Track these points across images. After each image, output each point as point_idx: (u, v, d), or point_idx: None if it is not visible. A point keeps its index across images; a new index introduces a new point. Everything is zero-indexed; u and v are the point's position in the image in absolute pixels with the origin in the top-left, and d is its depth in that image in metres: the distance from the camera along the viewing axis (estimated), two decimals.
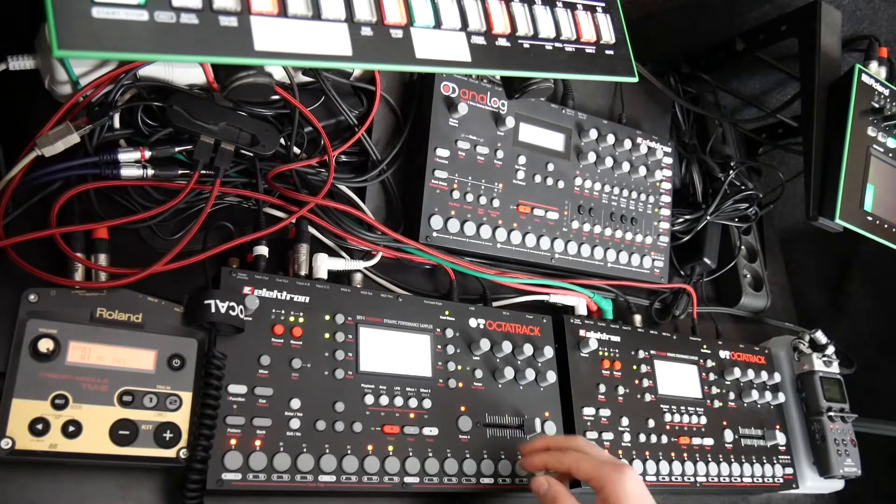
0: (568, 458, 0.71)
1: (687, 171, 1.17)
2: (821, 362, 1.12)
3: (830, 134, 1.02)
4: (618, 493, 0.66)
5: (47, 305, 0.62)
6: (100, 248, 0.68)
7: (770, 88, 1.31)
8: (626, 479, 0.67)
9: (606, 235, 0.99)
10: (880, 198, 1.05)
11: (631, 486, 0.67)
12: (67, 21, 0.42)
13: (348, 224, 0.81)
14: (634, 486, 0.67)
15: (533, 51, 0.63)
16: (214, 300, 0.66)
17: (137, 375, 0.64)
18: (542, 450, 0.75)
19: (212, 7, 0.48)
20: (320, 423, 0.70)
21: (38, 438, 0.59)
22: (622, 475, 0.67)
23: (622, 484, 0.67)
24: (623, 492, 0.66)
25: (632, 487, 0.67)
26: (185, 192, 0.70)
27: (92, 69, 0.68)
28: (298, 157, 0.80)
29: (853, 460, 1.09)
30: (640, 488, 0.68)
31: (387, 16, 0.55)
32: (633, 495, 0.66)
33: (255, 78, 0.54)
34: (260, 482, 0.66)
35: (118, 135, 0.71)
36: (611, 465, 0.69)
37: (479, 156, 0.89)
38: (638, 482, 0.68)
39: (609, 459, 0.71)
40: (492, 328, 0.86)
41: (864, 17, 1.13)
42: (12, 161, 0.64)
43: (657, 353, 0.98)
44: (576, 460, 0.71)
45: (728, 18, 1.15)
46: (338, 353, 0.74)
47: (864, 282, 1.45)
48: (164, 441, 0.64)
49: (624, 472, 0.67)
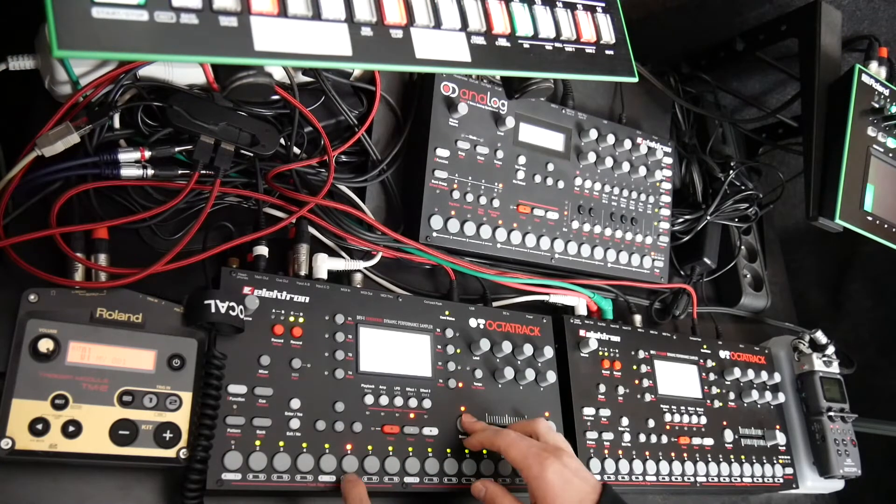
0: (500, 441, 0.72)
1: (687, 171, 1.17)
2: (821, 362, 1.12)
3: (830, 134, 1.02)
4: (540, 486, 0.66)
5: (47, 305, 0.62)
6: (100, 248, 0.68)
7: (770, 88, 1.31)
8: (546, 471, 0.66)
9: (606, 235, 0.99)
10: (880, 198, 1.05)
11: (552, 477, 0.66)
12: (67, 21, 0.42)
13: (348, 224, 0.81)
14: (556, 476, 0.66)
15: (533, 51, 0.63)
16: (214, 300, 0.66)
17: (137, 375, 0.64)
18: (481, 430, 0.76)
19: (212, 7, 0.48)
20: (320, 423, 0.70)
21: (38, 438, 0.59)
22: (543, 467, 0.67)
23: (543, 477, 0.66)
24: (544, 484, 0.66)
25: (553, 479, 0.66)
26: (185, 192, 0.70)
27: (92, 69, 0.68)
28: (298, 157, 0.80)
29: (853, 460, 1.09)
30: (562, 478, 0.66)
31: (387, 16, 0.55)
32: (554, 486, 0.66)
33: (255, 78, 0.54)
34: (260, 482, 0.66)
35: (118, 135, 0.71)
36: (534, 456, 0.68)
37: (479, 156, 0.89)
38: (560, 472, 0.67)
39: (535, 450, 0.69)
40: (492, 328, 0.86)
41: (864, 17, 1.13)
42: (12, 161, 0.64)
43: (657, 353, 0.98)
44: (506, 445, 0.71)
45: (728, 18, 1.16)
46: (338, 353, 0.74)
47: (864, 282, 1.45)
48: (164, 441, 0.64)
49: (545, 463, 0.67)
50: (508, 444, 0.71)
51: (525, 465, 0.69)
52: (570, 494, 0.66)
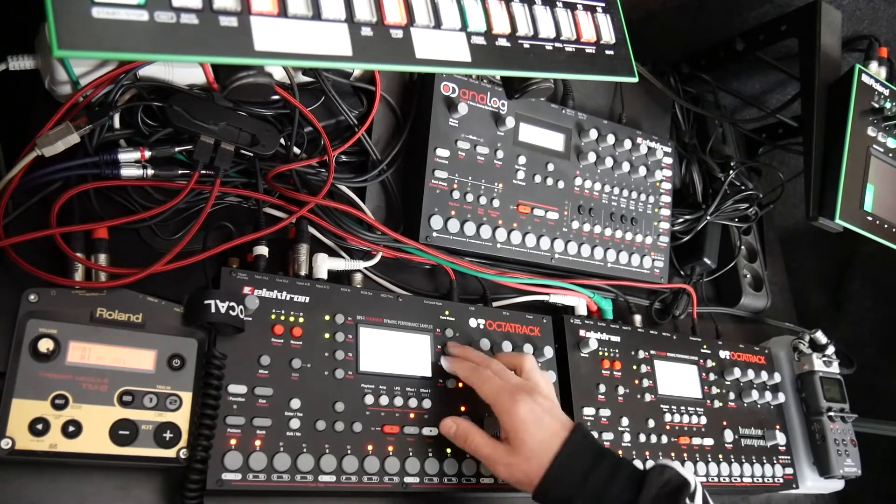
0: (475, 377, 0.73)
1: (687, 171, 1.17)
2: (821, 362, 1.12)
3: (830, 134, 1.02)
4: (510, 422, 0.68)
5: (47, 305, 0.62)
6: (100, 248, 0.68)
7: (770, 88, 1.31)
8: (517, 406, 0.68)
9: (606, 235, 0.99)
10: (880, 198, 1.05)
11: (523, 413, 0.68)
12: (67, 21, 0.42)
13: (348, 224, 0.81)
14: (528, 413, 0.68)
15: (533, 51, 0.63)
16: (214, 300, 0.66)
17: (137, 375, 0.64)
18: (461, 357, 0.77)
19: (212, 7, 0.48)
20: (320, 423, 0.70)
21: (38, 438, 0.59)
22: (514, 402, 0.69)
23: (514, 412, 0.68)
24: (515, 420, 0.68)
25: (524, 415, 0.68)
26: (185, 192, 0.70)
27: (92, 69, 0.68)
28: (298, 157, 0.80)
29: (853, 460, 1.09)
30: (533, 415, 0.68)
31: (387, 16, 0.55)
32: (525, 422, 0.68)
33: (255, 78, 0.54)
34: (260, 482, 0.66)
35: (118, 135, 0.71)
36: (507, 393, 0.70)
37: (479, 156, 0.89)
38: (531, 409, 0.68)
39: (510, 386, 0.71)
40: (492, 328, 0.86)
41: (864, 17, 1.13)
42: (12, 161, 0.64)
43: (657, 353, 0.98)
44: (480, 381, 0.72)
45: (728, 18, 1.15)
46: (338, 353, 0.74)
47: (864, 282, 1.45)
48: (164, 441, 0.64)
49: (517, 399, 0.69)
50: (483, 381, 0.72)
51: (497, 401, 0.70)
52: (539, 431, 0.68)
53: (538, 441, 0.68)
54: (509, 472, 0.69)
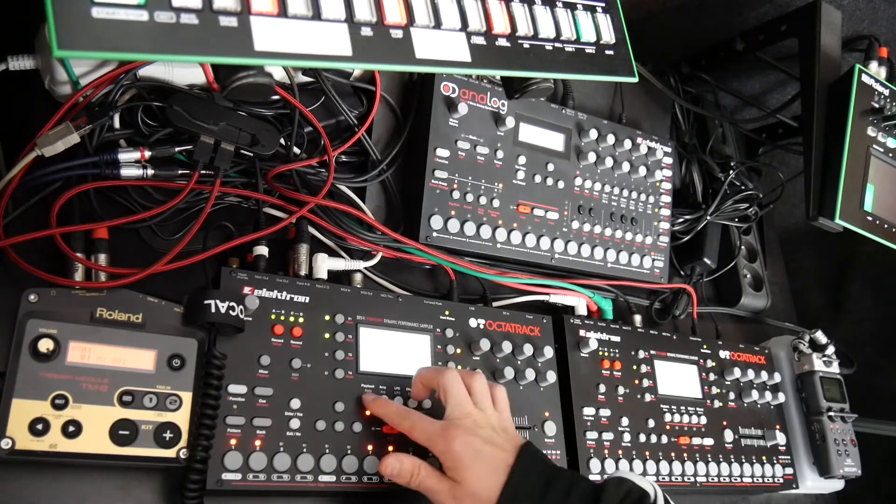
0: (405, 424, 0.70)
1: (687, 171, 1.17)
2: (821, 362, 1.12)
3: (830, 134, 1.02)
4: (450, 460, 0.66)
5: (47, 305, 0.62)
6: (100, 248, 0.68)
7: (770, 88, 1.31)
8: (452, 444, 0.66)
9: (606, 235, 0.99)
10: (880, 198, 1.05)
11: (459, 449, 0.65)
12: (67, 21, 0.42)
13: (348, 224, 0.81)
14: (464, 447, 0.66)
15: (533, 51, 0.63)
16: (214, 300, 0.66)
17: (137, 375, 0.64)
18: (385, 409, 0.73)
19: (212, 7, 0.48)
20: (320, 423, 0.70)
21: (38, 438, 0.59)
22: (448, 441, 0.66)
23: (450, 451, 0.66)
24: (453, 457, 0.65)
25: (461, 450, 0.65)
26: (185, 192, 0.70)
27: (92, 69, 0.68)
28: (298, 157, 0.80)
29: (853, 460, 1.09)
30: (471, 449, 0.66)
31: (387, 16, 0.55)
32: (463, 458, 0.65)
33: (255, 78, 0.54)
34: (260, 482, 0.66)
35: (118, 135, 0.71)
36: (438, 434, 0.67)
37: (479, 156, 0.89)
38: (468, 442, 0.66)
39: (439, 427, 0.68)
40: (492, 328, 0.86)
41: (864, 17, 1.13)
42: (12, 161, 0.64)
43: (657, 353, 0.98)
44: (410, 427, 0.70)
45: (728, 18, 1.15)
46: (338, 353, 0.74)
47: (864, 282, 1.45)
48: (164, 441, 0.64)
49: (449, 437, 0.66)
50: (411, 427, 0.70)
51: (431, 444, 0.68)
52: (480, 465, 0.65)
53: (481, 475, 0.65)
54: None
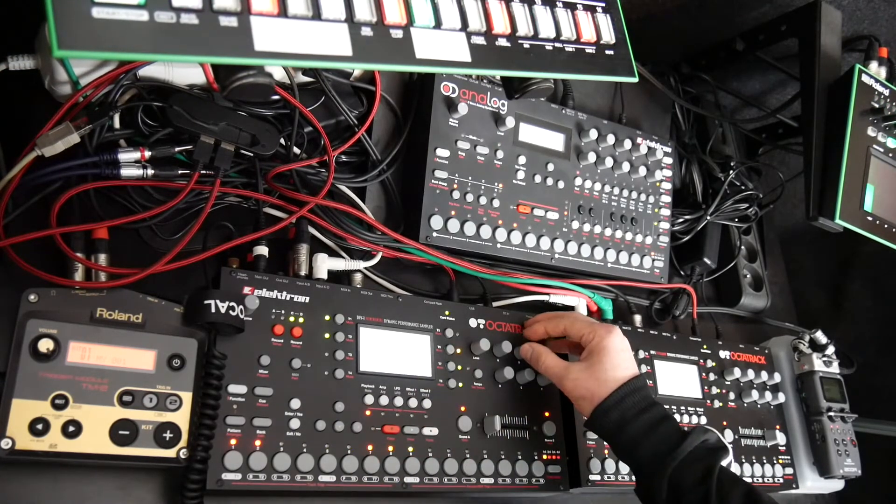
0: (564, 321, 0.83)
1: (687, 171, 1.17)
2: (821, 362, 1.12)
3: (830, 134, 1.02)
4: (604, 344, 0.77)
5: (47, 305, 0.62)
6: (100, 248, 0.68)
7: (770, 88, 1.31)
8: (613, 335, 0.78)
9: (606, 235, 0.99)
10: (880, 198, 1.05)
11: (617, 341, 0.77)
12: (67, 21, 0.42)
13: (348, 224, 0.81)
14: (620, 342, 0.78)
15: (533, 51, 0.63)
16: (214, 300, 0.66)
17: (137, 375, 0.64)
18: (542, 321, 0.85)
19: (212, 7, 0.48)
20: (320, 423, 0.70)
21: (38, 438, 0.59)
22: (610, 332, 0.78)
23: (610, 338, 0.77)
24: (609, 344, 0.77)
25: (618, 342, 0.77)
26: (185, 192, 0.70)
27: (92, 69, 0.68)
28: (298, 157, 0.80)
29: (853, 460, 1.09)
30: (624, 345, 0.78)
31: (387, 16, 0.55)
32: (617, 349, 0.77)
33: (255, 78, 0.54)
34: (260, 482, 0.66)
35: (118, 135, 0.71)
36: (602, 325, 0.79)
37: (479, 156, 0.89)
38: (622, 340, 0.78)
39: (598, 322, 0.81)
40: (492, 328, 0.86)
41: (864, 17, 1.13)
42: (12, 161, 0.64)
43: (657, 353, 0.98)
44: (571, 321, 0.82)
45: (728, 18, 1.15)
46: (338, 353, 0.74)
47: (864, 282, 1.45)
48: (164, 441, 0.64)
49: (612, 330, 0.78)
50: (574, 320, 0.81)
51: (593, 328, 0.79)
52: (619, 360, 0.76)
53: (613, 367, 0.75)
54: (574, 385, 0.77)
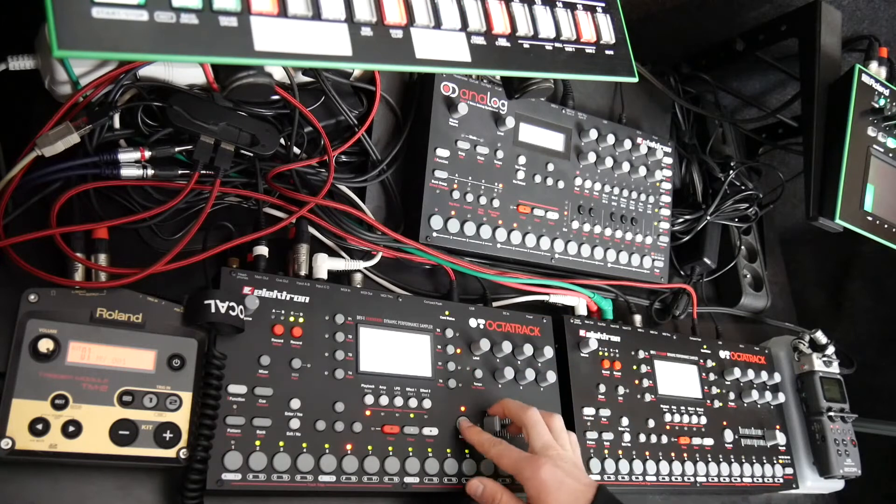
0: (493, 451, 0.74)
1: (687, 171, 1.17)
2: (821, 362, 1.12)
3: (830, 134, 1.02)
4: (534, 486, 0.69)
5: (47, 305, 0.62)
6: (100, 248, 0.68)
7: (770, 88, 1.31)
8: (539, 472, 0.69)
9: (606, 235, 0.99)
10: (880, 198, 1.05)
11: (546, 476, 0.69)
12: (67, 21, 0.42)
13: (348, 224, 0.81)
14: (550, 475, 0.69)
15: (533, 51, 0.63)
16: (214, 300, 0.66)
17: (137, 375, 0.64)
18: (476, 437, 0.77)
19: (212, 7, 0.48)
20: (320, 423, 0.70)
21: (38, 438, 0.59)
22: (535, 469, 0.69)
23: (536, 478, 0.69)
24: (538, 484, 0.69)
25: (547, 478, 0.69)
26: (185, 192, 0.70)
27: (92, 69, 0.68)
28: (298, 157, 0.80)
29: (853, 460, 1.09)
30: (556, 477, 0.69)
31: (387, 16, 0.55)
32: (548, 485, 0.69)
33: (255, 78, 0.54)
34: (260, 482, 0.66)
35: (118, 135, 0.71)
36: (526, 460, 0.71)
37: (479, 156, 0.89)
38: (553, 472, 0.69)
39: (526, 455, 0.72)
40: (492, 328, 0.86)
41: (864, 17, 1.13)
42: (12, 161, 0.64)
43: (657, 353, 0.98)
44: (497, 455, 0.74)
45: (728, 18, 1.15)
46: (338, 353, 0.74)
47: (864, 282, 1.45)
48: (164, 441, 0.64)
49: (537, 465, 0.70)
50: (500, 454, 0.73)
51: (518, 470, 0.71)
52: (563, 494, 0.68)
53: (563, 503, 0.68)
54: None
